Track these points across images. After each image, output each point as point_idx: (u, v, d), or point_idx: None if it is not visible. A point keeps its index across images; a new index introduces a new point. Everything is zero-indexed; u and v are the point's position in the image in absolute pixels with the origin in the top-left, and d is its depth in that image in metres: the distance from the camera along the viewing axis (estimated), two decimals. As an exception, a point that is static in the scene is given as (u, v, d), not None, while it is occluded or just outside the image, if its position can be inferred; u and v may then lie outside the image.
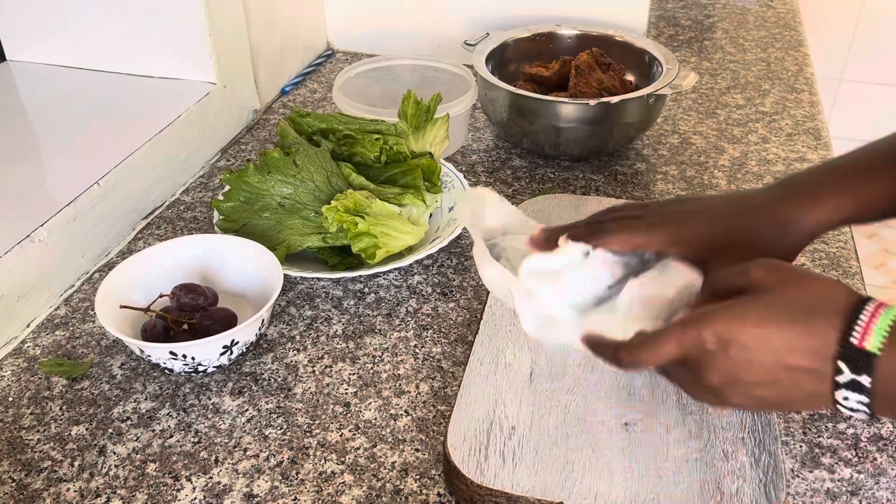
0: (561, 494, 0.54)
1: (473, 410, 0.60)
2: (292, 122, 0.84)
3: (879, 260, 2.42)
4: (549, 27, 1.08)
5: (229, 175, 0.77)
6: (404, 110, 0.82)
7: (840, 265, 0.80)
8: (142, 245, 0.84)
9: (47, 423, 0.64)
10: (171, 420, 0.64)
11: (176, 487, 0.59)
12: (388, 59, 1.04)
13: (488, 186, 0.93)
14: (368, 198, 0.74)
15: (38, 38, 1.04)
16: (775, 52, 1.28)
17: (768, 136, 1.04)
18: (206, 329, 0.66)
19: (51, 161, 0.87)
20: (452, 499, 0.58)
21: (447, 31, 1.18)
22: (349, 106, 0.93)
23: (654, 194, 0.92)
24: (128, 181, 0.84)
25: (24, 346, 0.71)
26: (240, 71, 1.03)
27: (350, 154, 0.81)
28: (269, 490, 0.58)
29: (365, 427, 0.63)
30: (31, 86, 1.03)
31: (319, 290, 0.77)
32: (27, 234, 0.73)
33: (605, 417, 0.60)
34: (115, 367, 0.69)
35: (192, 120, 0.94)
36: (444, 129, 0.82)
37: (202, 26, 0.95)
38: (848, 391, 0.46)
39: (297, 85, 1.17)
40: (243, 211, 0.77)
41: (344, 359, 0.70)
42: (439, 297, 0.76)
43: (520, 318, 0.56)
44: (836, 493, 0.58)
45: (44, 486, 0.59)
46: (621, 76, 1.00)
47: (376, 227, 0.72)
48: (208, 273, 0.73)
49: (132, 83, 1.01)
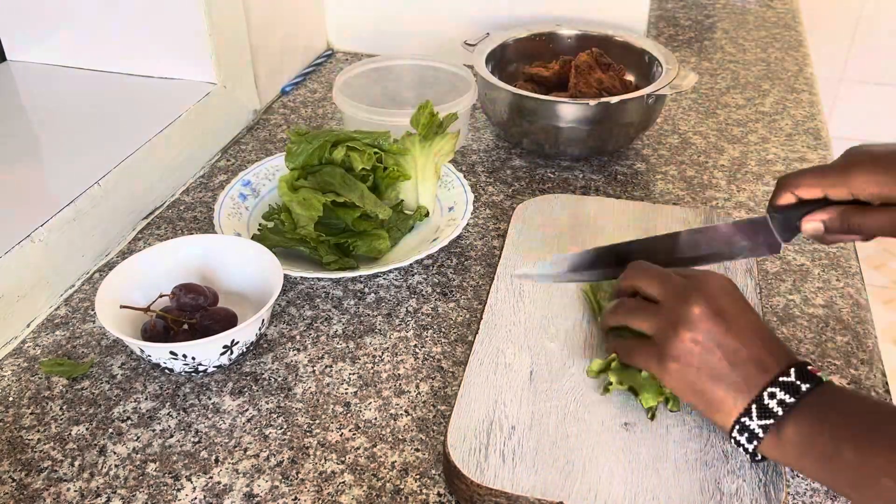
0: (561, 494, 0.54)
1: (473, 410, 0.60)
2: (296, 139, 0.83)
3: (880, 260, 2.43)
4: (549, 27, 1.08)
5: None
6: (418, 118, 0.82)
7: (840, 265, 0.80)
8: (142, 245, 0.84)
9: (47, 423, 0.64)
10: (172, 420, 0.64)
11: (176, 487, 0.59)
12: (388, 59, 1.04)
13: (488, 186, 0.93)
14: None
15: (38, 38, 1.04)
16: (775, 52, 1.28)
17: (768, 136, 1.04)
18: (206, 329, 0.66)
19: (51, 161, 0.87)
20: (452, 499, 0.58)
21: (447, 31, 1.18)
22: (349, 106, 0.93)
23: (653, 194, 0.92)
24: (128, 181, 0.84)
25: (24, 346, 0.71)
26: (240, 71, 1.03)
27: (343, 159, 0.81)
28: (270, 490, 0.58)
29: (365, 427, 0.63)
30: (31, 86, 1.03)
31: (319, 290, 0.77)
32: (27, 234, 0.73)
33: (605, 417, 0.60)
34: (116, 367, 0.69)
35: (192, 120, 0.94)
36: (452, 144, 0.82)
37: (202, 26, 0.95)
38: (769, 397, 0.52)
39: (297, 85, 1.17)
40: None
41: (344, 359, 0.70)
42: (439, 297, 0.76)
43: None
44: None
45: (44, 485, 0.59)
46: (621, 76, 1.00)
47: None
48: (208, 273, 0.73)
49: (132, 83, 1.01)
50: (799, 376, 0.52)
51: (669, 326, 0.56)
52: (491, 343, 0.67)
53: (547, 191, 0.93)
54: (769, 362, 0.53)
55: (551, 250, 0.78)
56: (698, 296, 0.56)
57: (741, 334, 0.54)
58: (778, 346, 0.55)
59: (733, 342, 0.54)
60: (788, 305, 0.75)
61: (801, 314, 0.74)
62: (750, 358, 0.54)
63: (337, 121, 1.08)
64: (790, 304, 0.75)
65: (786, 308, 0.75)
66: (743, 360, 0.53)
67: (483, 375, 0.64)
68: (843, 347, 0.71)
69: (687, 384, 0.55)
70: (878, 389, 0.67)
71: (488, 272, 0.80)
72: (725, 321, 0.55)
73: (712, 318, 0.55)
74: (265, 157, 0.93)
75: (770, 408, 0.52)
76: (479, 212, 0.89)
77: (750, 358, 0.54)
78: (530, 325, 0.69)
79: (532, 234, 0.80)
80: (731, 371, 0.53)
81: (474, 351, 0.66)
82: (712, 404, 0.54)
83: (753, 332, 0.55)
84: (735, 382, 0.53)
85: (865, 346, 0.71)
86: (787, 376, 0.52)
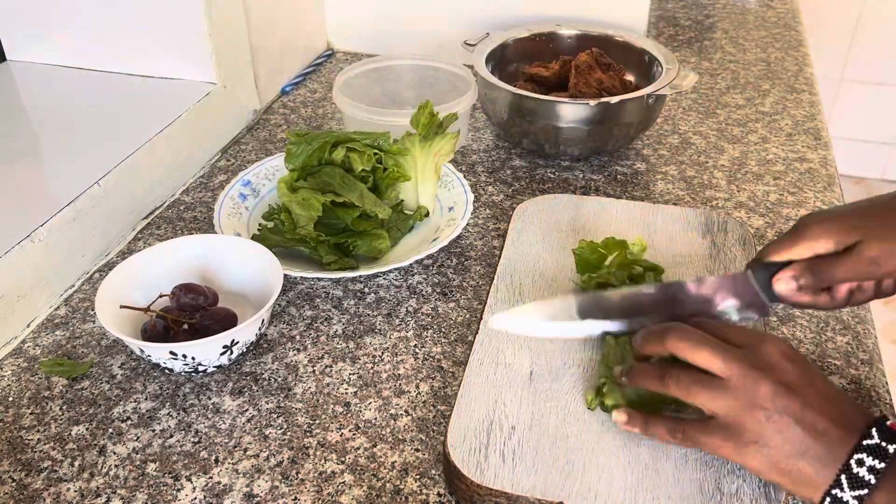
0: (561, 494, 0.54)
1: (473, 410, 0.60)
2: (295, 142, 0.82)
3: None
4: (549, 27, 1.08)
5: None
6: (418, 118, 0.82)
7: (840, 265, 0.80)
8: (142, 245, 0.84)
9: (47, 423, 0.64)
10: (172, 420, 0.64)
11: (176, 487, 0.59)
12: (388, 59, 1.04)
13: (488, 186, 0.93)
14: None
15: (38, 38, 1.04)
16: (775, 52, 1.28)
17: (768, 136, 1.04)
18: (206, 329, 0.66)
19: (51, 161, 0.87)
20: (452, 499, 0.58)
21: (447, 31, 1.18)
22: (349, 106, 0.93)
23: (654, 194, 0.92)
24: (128, 181, 0.84)
25: (24, 346, 0.71)
26: (240, 71, 1.03)
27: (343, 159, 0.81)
28: (270, 490, 0.58)
29: (365, 427, 0.63)
30: (31, 86, 1.03)
31: (319, 290, 0.77)
32: (27, 234, 0.73)
33: (605, 417, 0.60)
34: (115, 367, 0.69)
35: (192, 120, 0.94)
36: (452, 144, 0.82)
37: (202, 26, 0.95)
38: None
39: (297, 85, 1.17)
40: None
41: (344, 359, 0.70)
42: (439, 297, 0.76)
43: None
44: (836, 492, 0.58)
45: (44, 486, 0.59)
46: (621, 76, 1.00)
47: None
48: (208, 273, 0.73)
49: (132, 83, 1.01)
50: (882, 436, 0.50)
51: (741, 408, 0.52)
52: (491, 343, 0.67)
53: (547, 191, 0.93)
54: (849, 427, 0.51)
55: (551, 250, 0.78)
56: (766, 371, 0.53)
57: (816, 403, 0.52)
58: (853, 407, 0.53)
59: (810, 414, 0.52)
60: (789, 305, 0.75)
61: (801, 314, 0.74)
62: (829, 427, 0.51)
63: (337, 121, 1.08)
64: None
65: (786, 308, 0.75)
66: (823, 431, 0.51)
67: (483, 375, 0.64)
68: (843, 347, 0.71)
69: (771, 465, 0.52)
70: (878, 389, 0.67)
71: (488, 272, 0.80)
72: (798, 394, 0.52)
73: (785, 394, 0.52)
74: (265, 157, 0.93)
75: (861, 476, 0.50)
76: (479, 212, 0.89)
77: (829, 427, 0.51)
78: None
79: (532, 233, 0.80)
80: (815, 444, 0.51)
81: (474, 351, 0.66)
82: (799, 480, 0.52)
83: (826, 398, 0.53)
84: (819, 455, 0.51)
85: (865, 346, 0.71)
86: (871, 438, 0.50)
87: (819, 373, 0.55)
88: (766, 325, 0.72)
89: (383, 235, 0.78)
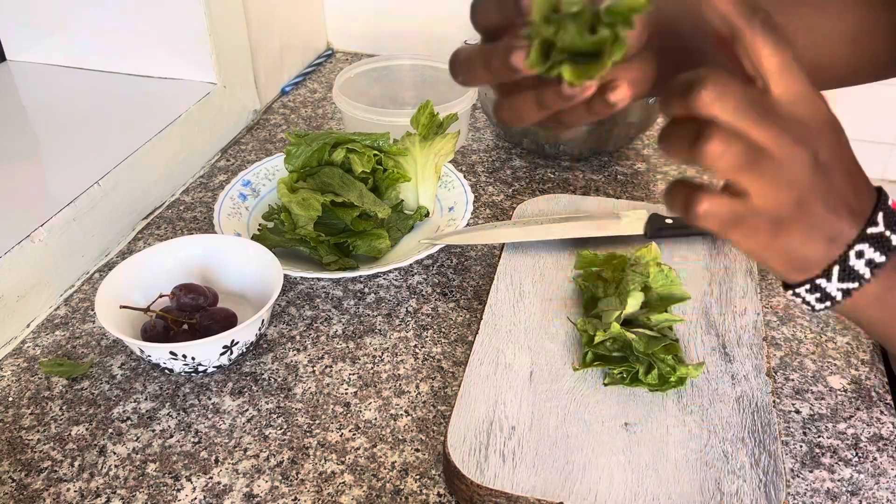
0: (561, 494, 0.54)
1: (473, 410, 0.60)
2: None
3: (879, 260, 2.42)
4: (549, 27, 1.08)
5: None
6: (418, 118, 0.82)
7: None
8: (142, 245, 0.84)
9: (47, 423, 0.64)
10: (171, 420, 0.64)
11: (176, 487, 0.59)
12: (388, 59, 1.04)
13: (488, 186, 0.93)
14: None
15: (38, 38, 1.04)
16: (775, 52, 1.28)
17: (768, 136, 1.04)
18: (206, 329, 0.66)
19: (51, 161, 0.87)
20: (452, 499, 0.58)
21: (447, 31, 1.17)
22: (349, 106, 0.93)
23: (654, 194, 0.92)
24: (128, 181, 0.84)
25: (24, 346, 0.71)
26: (240, 71, 1.03)
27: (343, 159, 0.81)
28: (269, 490, 0.58)
29: (365, 427, 0.63)
30: (31, 86, 1.03)
31: (319, 290, 0.77)
32: (27, 234, 0.73)
33: (605, 417, 0.60)
34: (115, 367, 0.69)
35: (192, 120, 0.94)
36: (452, 144, 0.82)
37: (202, 26, 0.95)
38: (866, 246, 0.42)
39: (297, 85, 1.17)
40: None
41: (344, 359, 0.70)
42: (439, 297, 0.76)
43: None
44: (836, 493, 0.58)
45: (44, 486, 0.59)
46: (621, 76, 1.00)
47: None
48: (208, 273, 0.73)
49: (132, 83, 1.01)
50: (889, 223, 0.43)
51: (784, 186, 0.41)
52: (491, 343, 0.67)
53: (547, 191, 0.93)
54: (856, 207, 0.43)
55: (551, 251, 0.78)
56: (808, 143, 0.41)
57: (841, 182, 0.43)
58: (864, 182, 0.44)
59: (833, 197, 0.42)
60: (789, 305, 0.75)
61: (801, 314, 0.74)
62: (844, 210, 0.43)
63: (337, 121, 1.08)
64: (790, 304, 0.75)
65: (786, 308, 0.75)
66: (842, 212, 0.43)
67: (483, 375, 0.64)
68: (842, 347, 0.71)
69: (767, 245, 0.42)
70: (878, 389, 0.67)
71: (488, 272, 0.80)
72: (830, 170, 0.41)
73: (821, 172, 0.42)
74: (265, 157, 0.93)
75: (856, 269, 0.43)
76: (479, 212, 0.89)
77: (844, 210, 0.43)
78: (530, 325, 0.69)
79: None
80: (833, 222, 0.42)
81: (474, 351, 0.66)
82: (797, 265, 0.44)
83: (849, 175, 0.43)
84: (831, 236, 0.43)
85: (865, 346, 0.71)
86: (876, 226, 0.43)
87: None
88: (765, 323, 0.72)
89: (383, 235, 0.78)
